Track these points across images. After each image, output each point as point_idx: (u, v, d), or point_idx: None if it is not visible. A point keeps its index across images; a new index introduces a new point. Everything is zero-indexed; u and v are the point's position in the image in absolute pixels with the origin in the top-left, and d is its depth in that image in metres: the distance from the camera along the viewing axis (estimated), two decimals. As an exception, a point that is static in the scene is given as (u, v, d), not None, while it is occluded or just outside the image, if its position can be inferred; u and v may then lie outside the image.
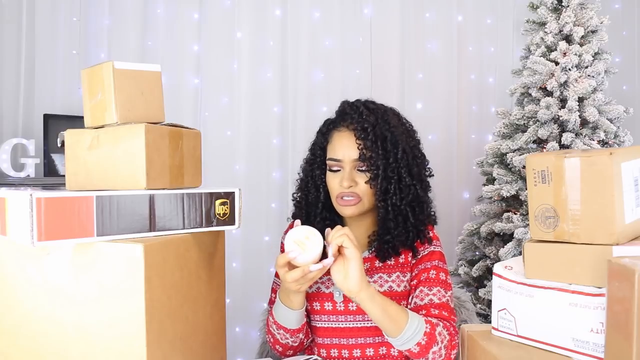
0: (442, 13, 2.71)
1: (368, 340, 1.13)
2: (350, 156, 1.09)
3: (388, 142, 1.08)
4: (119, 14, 2.41)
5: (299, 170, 1.22)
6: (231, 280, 2.32)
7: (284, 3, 2.55)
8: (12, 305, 0.80)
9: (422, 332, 1.01)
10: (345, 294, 1.03)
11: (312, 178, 1.16)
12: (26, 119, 2.27)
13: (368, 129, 1.07)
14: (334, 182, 1.11)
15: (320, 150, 1.15)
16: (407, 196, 1.10)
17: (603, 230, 0.75)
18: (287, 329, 1.08)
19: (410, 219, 1.11)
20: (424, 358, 1.02)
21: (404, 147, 1.10)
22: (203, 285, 0.90)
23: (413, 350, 1.02)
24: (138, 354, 0.71)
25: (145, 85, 0.86)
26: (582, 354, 0.77)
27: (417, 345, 1.01)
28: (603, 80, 2.11)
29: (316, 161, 1.15)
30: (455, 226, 2.63)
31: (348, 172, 1.09)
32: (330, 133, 1.14)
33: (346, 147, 1.10)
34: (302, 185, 1.19)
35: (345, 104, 1.16)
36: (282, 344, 1.12)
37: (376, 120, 1.09)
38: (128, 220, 0.76)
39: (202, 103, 2.52)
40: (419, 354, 1.02)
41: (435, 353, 1.03)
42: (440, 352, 1.03)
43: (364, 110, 1.10)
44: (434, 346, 1.02)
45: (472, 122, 2.75)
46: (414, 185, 1.11)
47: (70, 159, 0.86)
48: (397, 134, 1.10)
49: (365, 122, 1.08)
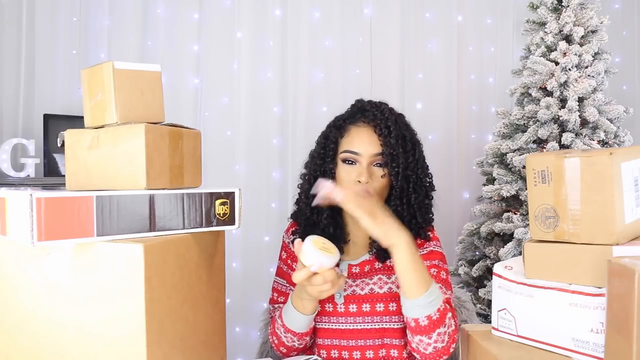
0: (442, 13, 2.71)
1: (368, 343, 1.12)
2: (369, 151, 1.10)
3: (408, 142, 1.11)
4: (119, 14, 2.41)
5: (302, 168, 1.21)
6: (231, 280, 2.31)
7: (284, 3, 2.55)
8: (12, 305, 0.79)
9: (437, 307, 0.97)
10: (386, 242, 0.96)
11: (322, 172, 1.14)
12: (26, 119, 2.28)
13: (391, 127, 1.09)
14: (348, 175, 1.10)
15: (334, 144, 1.13)
16: (419, 196, 1.13)
17: (603, 230, 0.75)
18: (296, 333, 1.08)
19: (418, 218, 1.14)
20: (426, 336, 0.98)
21: (420, 150, 1.15)
22: (203, 285, 0.90)
23: (421, 322, 0.97)
24: (138, 354, 0.71)
25: (145, 85, 0.86)
26: (582, 354, 0.77)
27: (426, 318, 0.97)
28: (603, 80, 2.11)
29: (328, 154, 1.13)
30: (455, 226, 2.63)
31: (366, 167, 1.09)
32: (347, 127, 1.14)
33: (366, 142, 1.10)
34: (309, 180, 1.16)
35: (362, 101, 1.18)
36: (288, 346, 1.12)
37: (396, 121, 1.12)
38: (128, 220, 0.76)
39: (202, 103, 2.52)
40: (426, 328, 0.97)
41: (440, 335, 0.98)
42: (444, 337, 0.99)
43: (385, 109, 1.13)
44: (441, 327, 0.98)
45: (472, 122, 2.75)
46: (425, 187, 1.15)
47: (70, 159, 0.86)
48: (414, 134, 1.15)
49: (388, 120, 1.10)
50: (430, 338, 0.98)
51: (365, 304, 1.13)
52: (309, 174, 1.18)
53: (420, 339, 0.99)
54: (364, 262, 1.17)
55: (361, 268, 1.17)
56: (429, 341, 0.99)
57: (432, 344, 0.99)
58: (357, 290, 1.14)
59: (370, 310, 1.12)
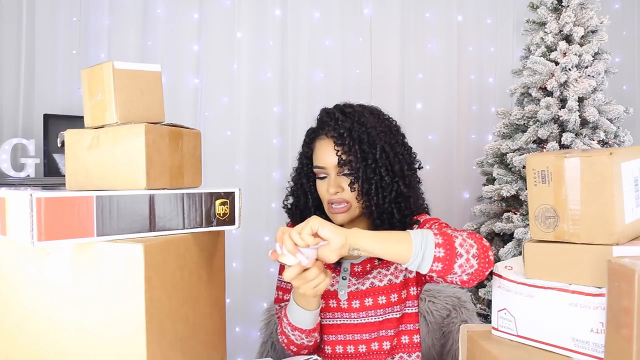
0: (442, 13, 2.71)
1: (372, 336, 1.15)
2: (332, 162, 1.11)
3: (365, 144, 1.09)
4: (119, 14, 2.41)
5: (289, 178, 1.25)
6: (231, 280, 2.32)
7: (284, 3, 2.55)
8: (12, 305, 0.79)
9: (433, 244, 0.89)
10: (340, 253, 0.89)
11: (301, 186, 1.20)
12: (26, 119, 2.28)
13: (344, 135, 1.09)
14: (322, 189, 1.14)
15: (307, 160, 1.18)
16: (389, 194, 1.10)
17: (603, 230, 0.75)
18: (303, 330, 1.09)
19: (396, 215, 1.11)
20: (451, 274, 0.91)
21: (382, 145, 1.10)
22: (203, 285, 0.90)
23: (435, 268, 0.89)
24: (138, 354, 0.71)
25: (145, 85, 0.86)
26: (582, 354, 0.77)
27: (436, 262, 0.89)
28: (603, 80, 2.11)
29: (304, 170, 1.19)
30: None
31: (333, 179, 1.12)
32: (313, 142, 1.17)
33: (327, 155, 1.11)
34: (293, 193, 1.23)
35: (323, 112, 1.18)
36: (298, 345, 1.13)
37: (352, 125, 1.10)
38: (128, 220, 0.76)
39: (202, 103, 2.52)
40: (444, 270, 0.90)
41: (462, 267, 0.90)
42: (470, 262, 0.91)
43: (339, 116, 1.12)
44: (458, 259, 0.90)
45: (472, 122, 2.75)
46: (397, 182, 1.11)
47: (70, 159, 0.86)
48: (374, 134, 1.10)
49: (340, 128, 1.10)
50: (454, 274, 0.92)
51: (367, 298, 1.14)
52: (294, 187, 1.22)
53: (450, 279, 0.93)
54: (365, 261, 1.19)
55: (363, 267, 1.18)
56: (457, 275, 0.92)
57: (460, 275, 0.92)
58: (360, 286, 1.16)
59: (372, 304, 1.14)
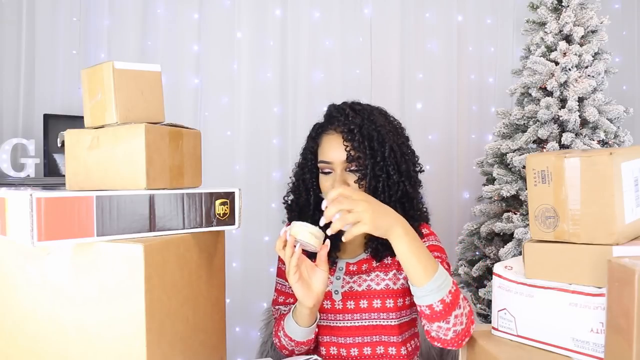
0: (442, 13, 2.71)
1: (366, 339, 1.14)
2: (339, 158, 1.10)
3: (375, 141, 1.09)
4: (119, 14, 2.41)
5: (291, 174, 1.25)
6: (231, 280, 2.31)
7: (284, 3, 2.55)
8: (12, 305, 0.80)
9: (448, 289, 0.92)
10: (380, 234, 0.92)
11: (303, 182, 1.19)
12: (26, 119, 2.28)
13: (355, 130, 1.09)
14: (326, 185, 1.13)
15: (311, 154, 1.17)
16: (395, 193, 1.10)
17: (603, 230, 0.75)
18: (292, 339, 1.10)
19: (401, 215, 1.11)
20: (444, 321, 0.93)
21: (391, 145, 1.11)
22: (203, 285, 0.90)
23: (436, 307, 0.92)
24: (138, 354, 0.71)
25: (145, 85, 0.86)
26: (582, 354, 0.77)
27: (440, 302, 0.92)
28: (603, 80, 2.11)
29: (307, 165, 1.18)
30: (455, 226, 2.63)
31: (339, 174, 1.10)
32: (320, 137, 1.16)
33: (335, 150, 1.11)
34: (294, 189, 1.22)
35: (331, 107, 1.18)
36: (289, 350, 1.14)
37: (362, 121, 1.10)
38: (128, 220, 0.76)
39: (202, 103, 2.52)
40: (441, 313, 0.92)
41: (457, 317, 0.93)
42: (462, 319, 0.94)
43: (350, 112, 1.12)
44: (457, 309, 0.93)
45: (472, 122, 2.75)
46: (403, 182, 1.11)
47: (70, 159, 0.86)
48: (383, 132, 1.11)
49: (351, 124, 1.10)
50: (448, 322, 0.93)
51: (362, 300, 1.14)
52: (296, 183, 1.22)
53: (438, 325, 0.94)
54: (361, 260, 1.18)
55: (359, 266, 1.18)
56: (447, 326, 0.94)
57: (452, 328, 0.94)
58: (355, 286, 1.15)
59: (367, 307, 1.13)
